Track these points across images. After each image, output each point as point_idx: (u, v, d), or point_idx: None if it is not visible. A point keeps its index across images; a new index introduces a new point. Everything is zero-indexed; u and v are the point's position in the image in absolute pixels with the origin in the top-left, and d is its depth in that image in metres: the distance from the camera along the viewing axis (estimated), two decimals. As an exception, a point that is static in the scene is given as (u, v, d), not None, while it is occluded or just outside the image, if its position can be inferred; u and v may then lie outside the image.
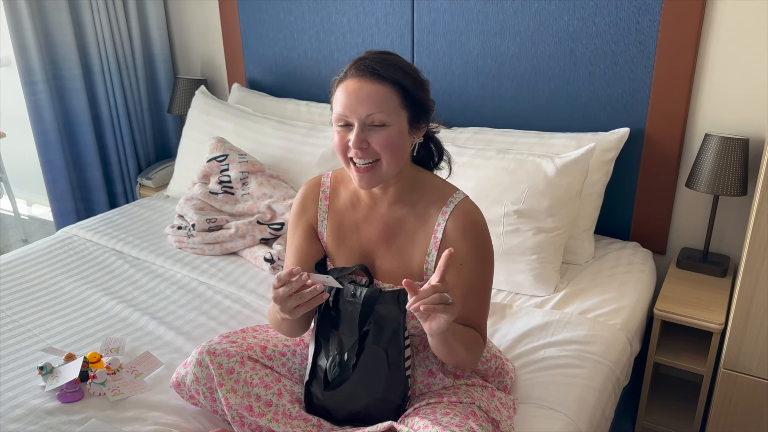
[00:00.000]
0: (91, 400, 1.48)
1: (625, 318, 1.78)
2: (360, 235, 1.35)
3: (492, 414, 1.31)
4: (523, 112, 2.24)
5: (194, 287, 1.97)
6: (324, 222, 1.38)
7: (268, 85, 2.78)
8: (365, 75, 1.19)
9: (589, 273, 1.97)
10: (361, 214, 1.35)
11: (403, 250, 1.32)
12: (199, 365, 1.36)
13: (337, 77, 1.25)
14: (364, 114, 1.19)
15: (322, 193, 1.39)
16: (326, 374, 1.32)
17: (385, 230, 1.33)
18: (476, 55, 2.25)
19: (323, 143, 2.32)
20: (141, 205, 2.55)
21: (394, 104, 1.20)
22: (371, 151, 1.20)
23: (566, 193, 1.89)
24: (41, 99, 2.56)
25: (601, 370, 1.59)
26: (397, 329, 1.28)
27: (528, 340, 1.67)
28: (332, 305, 1.32)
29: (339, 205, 1.37)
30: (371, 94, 1.18)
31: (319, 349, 1.34)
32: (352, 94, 1.19)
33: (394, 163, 1.23)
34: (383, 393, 1.29)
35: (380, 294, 1.27)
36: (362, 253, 1.35)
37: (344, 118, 1.20)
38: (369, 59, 1.22)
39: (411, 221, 1.31)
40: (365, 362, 1.28)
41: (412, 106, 1.23)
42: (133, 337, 1.73)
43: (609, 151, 2.02)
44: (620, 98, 2.07)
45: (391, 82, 1.20)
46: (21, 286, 1.96)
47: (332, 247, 1.37)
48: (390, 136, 1.20)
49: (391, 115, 1.19)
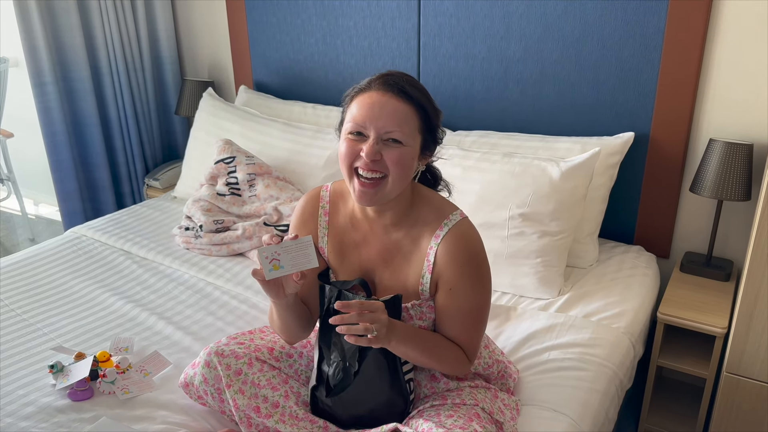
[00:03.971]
0: (101, 398, 1.50)
1: (629, 321, 1.79)
2: (360, 254, 1.35)
3: (495, 416, 1.33)
4: (528, 116, 2.25)
5: (201, 287, 2.00)
6: (324, 238, 1.37)
7: (274, 88, 2.80)
8: (392, 91, 1.18)
9: (593, 276, 1.99)
10: (360, 235, 1.34)
11: (399, 271, 1.32)
12: (208, 366, 1.38)
13: (357, 86, 1.23)
14: (383, 128, 1.17)
15: (322, 208, 1.38)
16: (329, 380, 1.33)
17: (383, 251, 1.33)
18: (482, 58, 2.27)
19: (330, 146, 2.34)
20: (148, 206, 2.57)
21: (413, 127, 1.20)
22: (382, 165, 1.19)
23: (571, 197, 1.91)
24: (50, 100, 2.59)
25: (605, 373, 1.60)
26: None
27: (532, 342, 1.68)
28: (332, 312, 1.31)
29: (339, 222, 1.37)
30: (396, 111, 1.17)
31: (322, 356, 1.35)
32: (375, 106, 1.18)
33: (399, 184, 1.22)
34: (386, 397, 1.30)
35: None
36: (363, 270, 1.35)
37: (360, 128, 1.19)
38: (396, 76, 1.21)
39: (407, 244, 1.31)
40: (367, 369, 1.29)
41: (427, 133, 1.24)
42: (141, 336, 1.75)
43: (614, 155, 2.04)
44: (625, 103, 2.08)
45: (416, 104, 1.20)
46: (31, 286, 1.98)
47: (335, 263, 1.37)
48: (403, 155, 1.19)
49: (408, 137, 1.19)
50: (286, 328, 1.35)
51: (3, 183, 3.54)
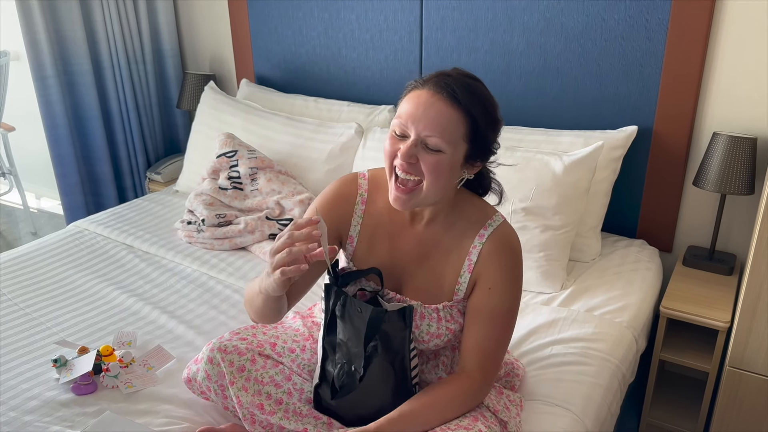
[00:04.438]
0: (104, 392, 1.50)
1: (632, 316, 1.79)
2: (392, 248, 1.31)
3: (500, 414, 1.31)
4: (531, 110, 2.24)
5: (204, 281, 2.00)
6: (357, 227, 1.33)
7: (276, 81, 2.79)
8: (441, 92, 1.13)
9: (596, 270, 1.99)
10: (396, 227, 1.31)
11: (435, 270, 1.29)
12: (210, 362, 1.36)
13: (417, 80, 1.18)
14: (423, 132, 1.13)
15: (359, 196, 1.33)
16: (334, 381, 1.31)
17: (419, 247, 1.29)
18: (484, 52, 2.25)
19: (331, 139, 2.34)
20: (150, 200, 2.57)
21: (458, 134, 1.14)
22: (417, 169, 1.15)
23: (574, 191, 1.90)
24: (52, 94, 2.59)
25: (608, 368, 1.60)
26: (403, 342, 1.26)
27: (535, 337, 1.68)
28: (339, 314, 1.29)
29: (375, 212, 1.32)
30: (439, 116, 1.12)
31: (326, 355, 1.33)
32: (420, 107, 1.13)
33: (435, 191, 1.17)
34: (392, 401, 1.28)
35: (386, 314, 1.25)
36: (392, 265, 1.31)
37: (403, 128, 1.15)
38: (453, 77, 1.15)
39: (447, 241, 1.28)
40: (372, 375, 1.27)
41: (475, 141, 1.17)
42: (144, 330, 1.75)
43: (617, 149, 2.03)
44: (628, 96, 2.07)
45: (465, 111, 1.13)
46: (34, 280, 1.99)
47: (361, 254, 1.33)
48: (440, 163, 1.14)
49: (449, 144, 1.13)
50: (265, 315, 1.27)
51: (5, 177, 3.54)
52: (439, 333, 1.29)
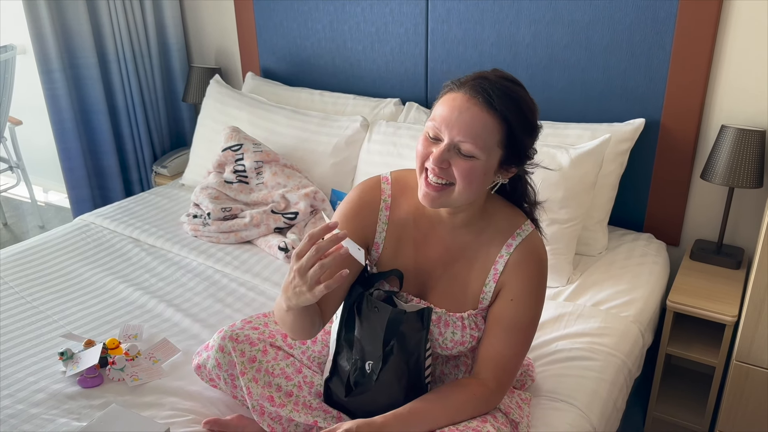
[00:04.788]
0: (110, 385, 1.51)
1: (638, 310, 1.78)
2: (417, 254, 1.28)
3: (512, 415, 1.30)
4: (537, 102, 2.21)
5: (210, 275, 2.00)
6: (382, 234, 1.29)
7: (281, 74, 2.79)
8: (477, 96, 1.10)
9: (603, 264, 1.98)
10: (421, 232, 1.28)
11: (460, 277, 1.26)
12: (221, 351, 1.37)
13: (455, 80, 1.15)
14: (456, 137, 1.10)
15: (383, 202, 1.29)
16: (348, 378, 1.30)
17: (444, 254, 1.27)
18: (491, 44, 2.24)
19: (337, 133, 2.33)
20: (157, 194, 2.57)
21: (493, 141, 1.11)
22: (449, 173, 1.12)
23: (580, 184, 1.89)
24: (58, 87, 2.59)
25: (614, 363, 1.59)
26: (419, 343, 1.25)
27: (540, 333, 1.67)
28: (357, 310, 1.28)
29: (400, 217, 1.29)
30: (473, 121, 1.09)
31: (340, 350, 1.32)
32: (455, 111, 1.10)
33: (467, 195, 1.14)
34: (404, 400, 1.26)
35: (405, 315, 1.23)
36: (417, 271, 1.28)
37: (436, 131, 1.12)
38: (490, 81, 1.12)
39: (474, 249, 1.25)
40: (387, 374, 1.25)
41: (510, 147, 1.13)
42: (150, 324, 1.76)
43: (624, 142, 2.01)
44: (636, 89, 2.05)
45: (500, 116, 1.10)
46: (40, 273, 1.99)
47: (386, 260, 1.30)
48: (473, 169, 1.11)
49: (483, 150, 1.10)
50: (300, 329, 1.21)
51: (12, 170, 3.55)
52: (463, 341, 1.27)
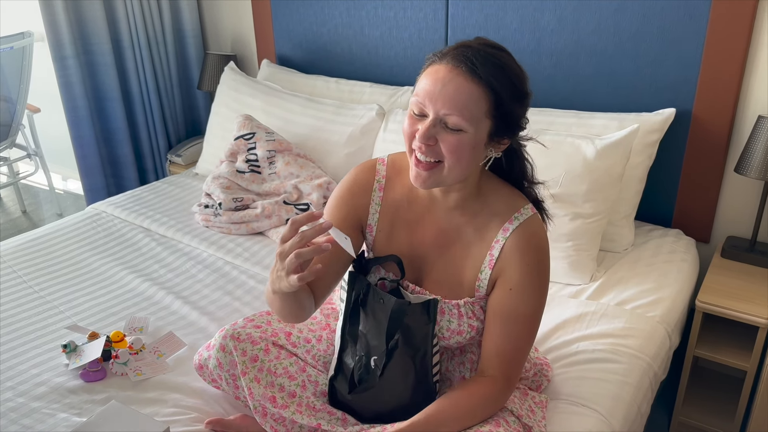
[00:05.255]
0: (113, 379, 1.47)
1: (665, 310, 1.69)
2: (412, 237, 1.23)
3: (524, 419, 1.23)
4: (562, 91, 2.13)
5: (220, 267, 1.95)
6: (375, 215, 1.25)
7: (297, 61, 2.72)
8: (460, 66, 1.04)
9: (628, 261, 1.88)
10: (415, 214, 1.23)
11: (455, 262, 1.21)
12: (223, 350, 1.32)
13: (436, 53, 1.10)
14: (441, 110, 1.05)
15: (377, 182, 1.25)
16: (352, 374, 1.25)
17: (439, 236, 1.21)
18: (513, 30, 2.15)
19: (352, 122, 2.26)
20: (170, 183, 2.53)
21: (480, 111, 1.05)
22: (436, 151, 1.07)
23: (606, 177, 1.80)
24: (71, 74, 2.56)
25: (638, 365, 1.51)
26: (426, 338, 1.20)
27: (561, 332, 1.59)
28: (361, 303, 1.23)
29: (394, 198, 1.25)
30: (457, 92, 1.03)
31: (345, 346, 1.28)
32: (438, 83, 1.05)
33: (457, 172, 1.09)
34: (410, 399, 1.23)
35: (409, 306, 1.18)
36: (412, 255, 1.23)
37: (420, 106, 1.07)
38: (473, 48, 1.06)
39: (469, 232, 1.19)
40: (392, 371, 1.20)
41: (500, 117, 1.07)
42: (157, 316, 1.71)
43: (653, 132, 1.92)
44: (666, 76, 1.95)
45: (486, 85, 1.04)
46: (49, 262, 1.96)
47: (381, 245, 1.26)
48: (461, 143, 1.06)
49: (470, 122, 1.04)
50: (290, 314, 1.17)
51: (30, 158, 3.55)
52: (461, 330, 1.22)
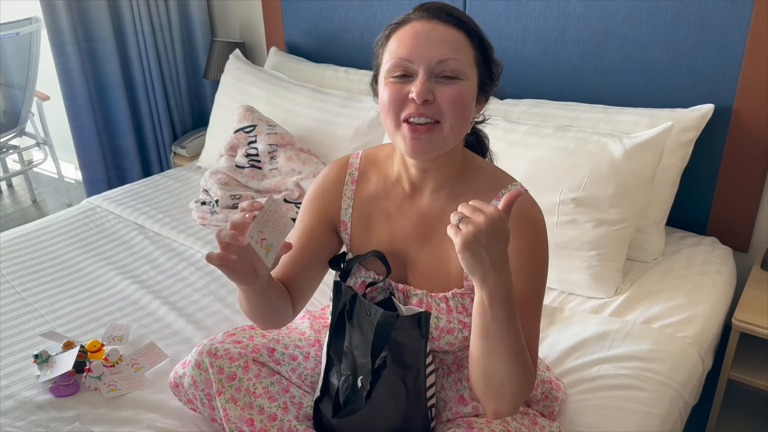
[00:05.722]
0: (85, 394, 1.36)
1: (698, 330, 1.52)
2: (391, 228, 1.13)
3: None
4: (588, 83, 1.96)
5: (212, 269, 1.82)
6: (348, 210, 1.15)
7: (307, 49, 2.58)
8: (438, 17, 0.98)
9: (657, 273, 1.71)
10: (393, 203, 1.12)
11: (441, 250, 1.09)
12: (198, 367, 1.21)
13: (392, 22, 1.02)
14: (434, 59, 0.96)
15: (349, 176, 1.16)
16: (337, 394, 1.13)
17: (421, 224, 1.11)
18: (536, 16, 1.98)
19: (359, 114, 2.12)
20: (170, 176, 2.42)
21: (469, 57, 0.99)
22: (435, 108, 0.96)
23: (635, 180, 1.63)
24: (71, 61, 2.46)
25: (667, 394, 1.35)
26: (418, 355, 1.07)
27: (580, 353, 1.44)
28: (347, 317, 1.11)
29: (368, 191, 1.15)
30: (446, 38, 0.97)
31: (330, 365, 1.16)
32: (421, 35, 0.97)
33: (457, 130, 0.99)
34: (402, 424, 1.10)
35: (397, 319, 1.05)
36: (392, 249, 1.12)
37: (405, 64, 0.97)
38: (437, 5, 1.01)
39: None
40: (381, 392, 1.08)
41: (484, 66, 1.02)
42: (140, 323, 1.59)
43: (688, 131, 1.74)
44: (704, 69, 1.77)
45: (469, 30, 0.99)
46: (35, 260, 1.86)
47: (358, 240, 1.15)
48: (462, 93, 0.97)
49: (466, 67, 0.98)
50: (259, 316, 1.08)
51: (39, 147, 3.48)
52: (451, 327, 1.09)
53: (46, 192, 3.67)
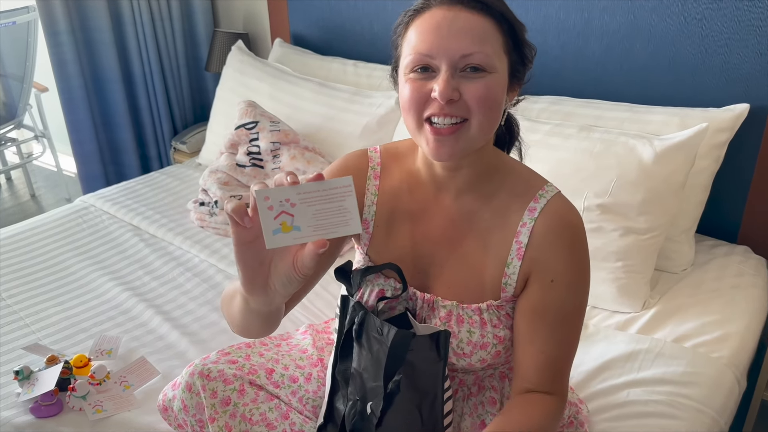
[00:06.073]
0: (69, 415, 1.25)
1: (734, 349, 1.40)
2: (415, 231, 1.02)
3: None
4: (613, 80, 1.85)
5: (211, 275, 1.72)
6: (372, 207, 1.04)
7: (313, 41, 2.47)
8: (460, 3, 0.88)
9: (687, 285, 1.59)
10: (418, 203, 1.02)
11: (471, 257, 1.00)
12: (189, 390, 1.10)
13: (410, 8, 0.93)
14: (458, 53, 0.86)
15: (371, 169, 1.05)
16: (343, 422, 1.03)
17: (449, 228, 1.01)
18: (557, 8, 1.87)
19: (368, 111, 2.00)
20: (169, 174, 2.31)
21: (498, 45, 0.88)
22: (461, 106, 0.87)
23: (666, 186, 1.51)
24: (65, 52, 2.36)
25: (702, 422, 1.23)
26: (435, 380, 0.96)
27: (607, 374, 1.32)
28: (355, 335, 1.01)
29: (391, 186, 1.04)
30: (470, 27, 0.87)
31: (336, 388, 1.05)
32: (442, 26, 0.87)
33: (486, 127, 0.90)
34: None
35: (413, 339, 0.95)
36: (415, 254, 1.02)
37: (427, 59, 0.87)
38: None
39: (485, 218, 0.99)
40: (392, 420, 0.97)
41: (515, 52, 0.92)
42: (131, 335, 1.49)
43: (721, 132, 1.62)
44: (740, 66, 1.66)
45: (497, 14, 0.88)
46: (24, 263, 1.76)
47: (379, 244, 1.05)
48: (490, 87, 0.87)
49: (494, 58, 0.87)
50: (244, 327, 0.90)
51: (38, 139, 3.38)
52: (485, 342, 0.98)
53: (45, 186, 3.58)
